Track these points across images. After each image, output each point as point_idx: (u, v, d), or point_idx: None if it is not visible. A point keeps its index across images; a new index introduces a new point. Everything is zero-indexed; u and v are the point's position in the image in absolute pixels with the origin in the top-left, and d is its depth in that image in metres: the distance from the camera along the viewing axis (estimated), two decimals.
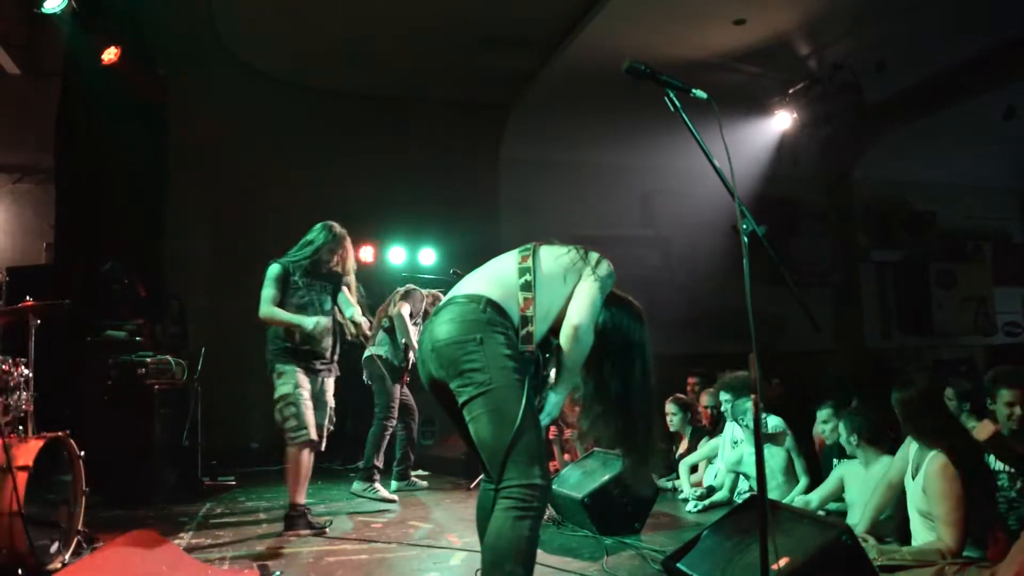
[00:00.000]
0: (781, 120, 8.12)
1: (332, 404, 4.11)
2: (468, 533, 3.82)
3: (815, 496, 3.88)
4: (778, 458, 4.37)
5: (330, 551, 3.60)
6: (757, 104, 8.13)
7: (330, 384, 4.11)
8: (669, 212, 9.00)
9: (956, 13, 6.55)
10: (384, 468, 5.09)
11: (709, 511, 4.39)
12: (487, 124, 8.49)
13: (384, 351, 5.15)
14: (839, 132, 8.23)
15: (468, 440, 2.16)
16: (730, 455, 4.57)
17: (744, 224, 2.03)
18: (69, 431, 3.36)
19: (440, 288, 5.50)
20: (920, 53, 7.30)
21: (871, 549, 2.84)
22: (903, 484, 3.12)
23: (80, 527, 3.36)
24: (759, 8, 6.41)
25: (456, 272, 4.71)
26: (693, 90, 2.12)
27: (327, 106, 7.89)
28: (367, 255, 7.30)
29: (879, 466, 3.50)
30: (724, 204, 2.04)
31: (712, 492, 4.70)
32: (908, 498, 3.07)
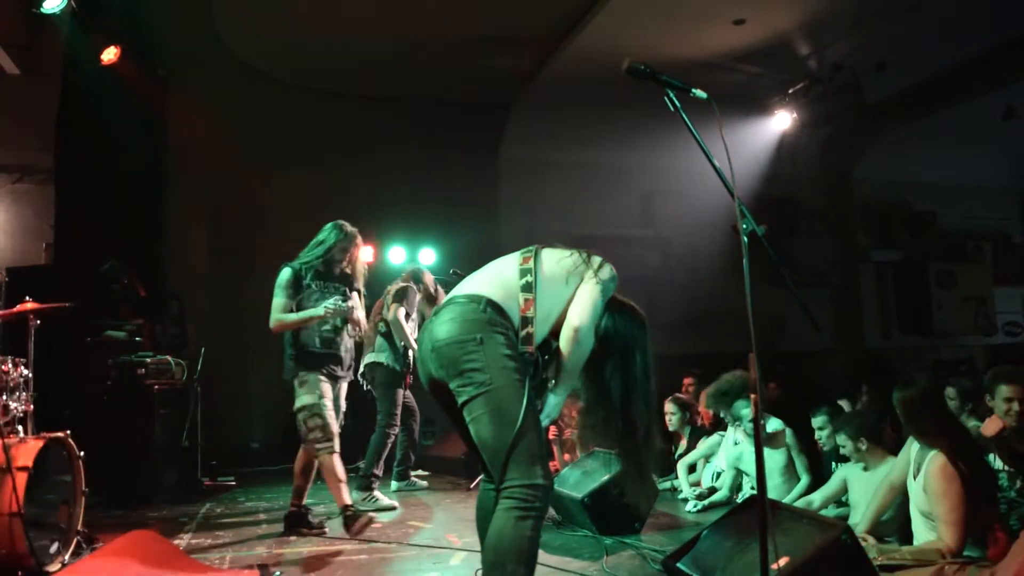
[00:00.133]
0: (781, 120, 8.10)
1: (344, 408, 4.09)
2: (468, 533, 3.82)
3: (817, 497, 3.89)
4: (776, 458, 4.38)
5: (330, 551, 3.60)
6: (757, 104, 8.12)
7: (345, 388, 4.09)
8: (669, 212, 8.98)
9: (956, 13, 6.55)
10: (384, 470, 5.06)
11: (709, 511, 4.39)
12: (487, 124, 8.47)
13: (384, 357, 5.08)
14: (839, 132, 8.23)
15: (468, 440, 2.15)
16: (731, 452, 4.59)
17: (744, 224, 2.03)
18: (69, 431, 3.36)
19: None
20: (920, 53, 7.30)
21: (871, 549, 2.83)
22: (905, 485, 3.12)
23: (80, 527, 3.37)
24: (759, 8, 6.41)
25: (456, 272, 4.70)
26: (693, 90, 2.11)
27: (326, 106, 7.88)
28: (367, 255, 7.28)
29: (883, 468, 3.50)
30: (724, 204, 2.03)
31: (712, 492, 4.70)
32: (910, 498, 3.07)
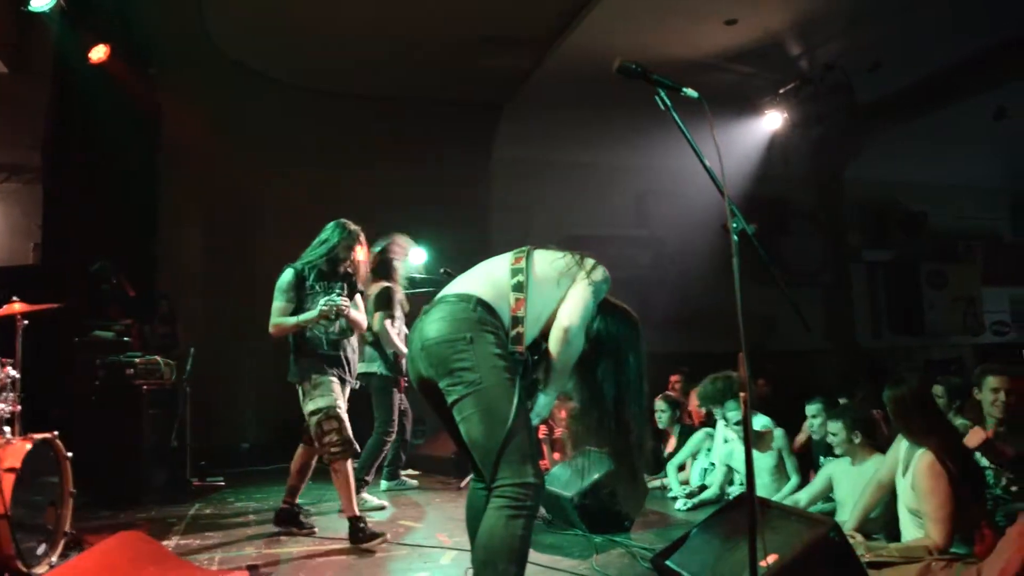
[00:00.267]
0: (772, 120, 8.12)
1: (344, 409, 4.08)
2: (458, 532, 3.80)
3: (803, 495, 3.90)
4: (765, 457, 4.39)
5: (320, 551, 3.59)
6: (748, 104, 8.15)
7: (347, 392, 4.04)
8: (663, 212, 9.00)
9: (949, 14, 6.58)
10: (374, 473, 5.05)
11: (698, 509, 4.40)
12: (480, 123, 8.46)
13: (377, 367, 5.05)
14: (830, 132, 8.26)
15: (457, 439, 2.15)
16: (722, 449, 4.60)
17: (734, 223, 2.03)
18: (56, 432, 3.34)
19: (430, 288, 5.46)
20: (912, 53, 7.33)
21: (859, 546, 2.85)
22: (893, 482, 3.13)
23: (67, 529, 3.34)
24: (751, 8, 6.43)
25: (447, 272, 4.69)
26: (684, 89, 2.12)
27: (320, 105, 7.84)
28: (360, 254, 7.25)
29: (869, 464, 3.52)
30: (717, 204, 2.03)
31: (702, 490, 4.71)
32: (898, 495, 3.09)
